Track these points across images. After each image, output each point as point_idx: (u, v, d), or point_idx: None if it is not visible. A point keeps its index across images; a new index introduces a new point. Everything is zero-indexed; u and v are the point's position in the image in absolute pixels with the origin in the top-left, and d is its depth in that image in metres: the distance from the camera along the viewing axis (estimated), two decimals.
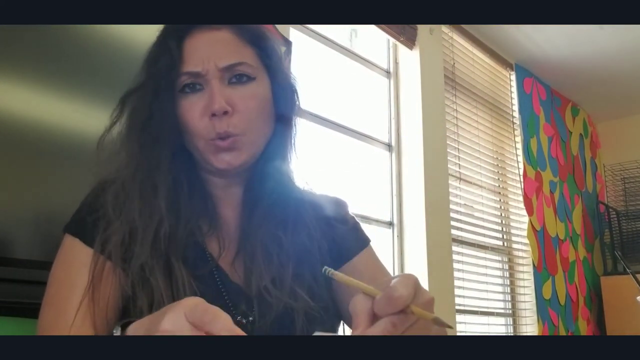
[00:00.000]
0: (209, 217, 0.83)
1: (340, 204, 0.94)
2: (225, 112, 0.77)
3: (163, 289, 0.72)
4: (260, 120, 0.81)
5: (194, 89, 0.79)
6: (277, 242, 0.82)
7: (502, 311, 3.19)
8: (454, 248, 2.82)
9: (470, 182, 3.08)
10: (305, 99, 0.89)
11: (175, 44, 0.79)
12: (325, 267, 0.58)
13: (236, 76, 0.80)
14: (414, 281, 0.56)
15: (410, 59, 2.82)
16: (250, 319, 0.77)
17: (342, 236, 0.89)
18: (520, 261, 3.32)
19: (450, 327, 0.58)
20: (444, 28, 3.03)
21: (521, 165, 3.40)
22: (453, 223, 2.83)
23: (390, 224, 2.66)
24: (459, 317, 2.75)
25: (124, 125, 0.82)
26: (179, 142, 0.80)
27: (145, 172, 0.78)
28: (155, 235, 0.75)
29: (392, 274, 2.67)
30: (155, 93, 0.78)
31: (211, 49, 0.79)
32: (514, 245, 3.34)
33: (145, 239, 0.75)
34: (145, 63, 0.82)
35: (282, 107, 0.85)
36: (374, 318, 0.54)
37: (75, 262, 0.76)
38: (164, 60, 0.78)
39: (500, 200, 3.32)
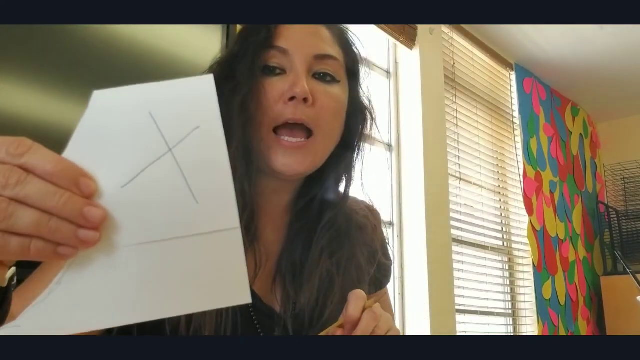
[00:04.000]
0: (245, 226, 0.73)
1: (381, 221, 0.91)
2: (305, 100, 0.71)
3: None
4: (334, 125, 0.76)
5: (276, 72, 0.74)
6: (329, 279, 0.76)
7: (502, 311, 3.19)
8: (454, 248, 2.82)
9: (470, 182, 3.08)
10: None
11: (274, 24, 0.75)
12: None
13: (321, 73, 0.75)
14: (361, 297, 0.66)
15: (410, 59, 2.82)
16: None
17: (380, 271, 0.87)
18: (520, 261, 3.32)
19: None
20: (444, 28, 3.03)
21: (521, 165, 3.40)
22: (453, 223, 2.83)
23: (390, 224, 2.66)
24: (459, 317, 2.75)
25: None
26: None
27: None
28: None
29: (392, 274, 2.66)
30: (246, 68, 0.73)
31: (307, 35, 0.76)
32: (514, 245, 3.34)
33: None
34: (240, 35, 0.78)
35: (352, 127, 0.80)
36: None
37: None
38: (262, 35, 0.74)
39: (500, 200, 3.32)
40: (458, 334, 2.69)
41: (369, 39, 2.73)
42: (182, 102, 0.42)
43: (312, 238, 0.77)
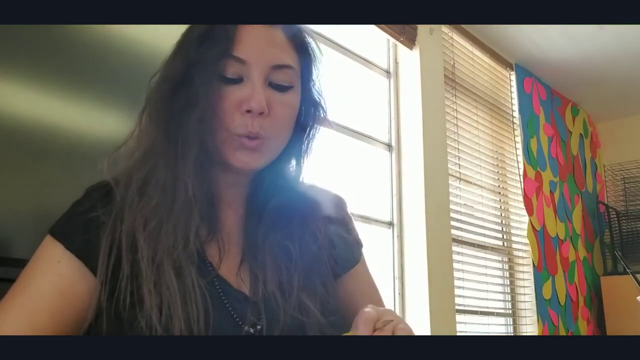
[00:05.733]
0: (207, 219, 0.78)
1: (343, 206, 0.93)
2: (261, 113, 0.75)
3: (176, 289, 0.69)
4: (286, 129, 0.80)
5: (233, 79, 0.76)
6: (285, 252, 0.79)
7: (502, 311, 3.19)
8: (454, 248, 2.82)
9: (470, 182, 3.08)
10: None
11: (232, 31, 0.76)
12: None
13: (276, 83, 0.78)
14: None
15: (410, 59, 2.82)
16: (259, 327, 0.74)
17: (346, 246, 0.89)
18: (520, 261, 3.32)
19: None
20: (444, 28, 3.03)
21: (521, 165, 3.40)
22: (453, 223, 2.83)
23: (390, 224, 2.66)
24: (459, 317, 2.75)
25: (156, 103, 0.78)
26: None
27: (169, 168, 0.75)
28: (174, 233, 0.72)
29: (392, 274, 2.65)
30: (205, 80, 0.74)
31: (265, 44, 0.77)
32: (514, 245, 3.34)
33: (164, 236, 0.72)
34: (198, 42, 0.77)
35: (304, 117, 0.84)
36: None
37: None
38: (222, 45, 0.75)
39: (500, 200, 3.32)
40: (458, 334, 2.69)
41: (369, 39, 2.73)
42: None
43: (264, 217, 0.82)
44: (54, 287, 0.72)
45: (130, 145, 0.79)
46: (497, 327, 3.14)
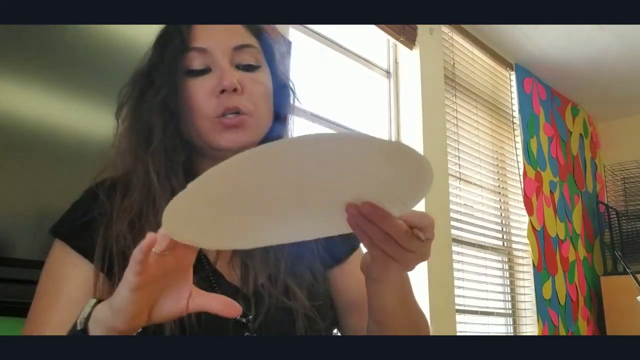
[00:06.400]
0: None
1: None
2: (235, 90, 0.78)
3: None
4: (264, 106, 0.82)
5: (201, 71, 0.79)
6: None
7: (502, 311, 3.19)
8: (454, 248, 2.82)
9: (470, 182, 3.08)
10: (306, 99, 0.89)
11: (187, 26, 0.80)
12: None
13: (243, 64, 0.81)
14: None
15: (410, 59, 2.82)
16: (250, 317, 0.76)
17: (340, 236, 0.90)
18: (520, 261, 3.32)
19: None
20: (444, 28, 3.03)
21: (521, 165, 3.40)
22: (453, 223, 2.83)
23: None
24: (459, 317, 2.75)
25: (129, 109, 0.81)
26: (178, 130, 0.79)
27: (142, 160, 0.77)
28: (157, 223, 0.74)
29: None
30: (165, 73, 0.78)
31: (222, 30, 0.81)
32: (514, 245, 3.34)
33: (148, 227, 0.73)
34: (156, 44, 0.82)
35: (279, 104, 0.86)
36: None
37: (63, 270, 0.75)
38: (176, 41, 0.79)
39: (500, 200, 3.32)
40: (458, 334, 2.69)
41: (369, 39, 2.73)
42: None
43: None
44: (79, 290, 0.73)
45: (112, 158, 0.82)
46: (497, 327, 3.14)
